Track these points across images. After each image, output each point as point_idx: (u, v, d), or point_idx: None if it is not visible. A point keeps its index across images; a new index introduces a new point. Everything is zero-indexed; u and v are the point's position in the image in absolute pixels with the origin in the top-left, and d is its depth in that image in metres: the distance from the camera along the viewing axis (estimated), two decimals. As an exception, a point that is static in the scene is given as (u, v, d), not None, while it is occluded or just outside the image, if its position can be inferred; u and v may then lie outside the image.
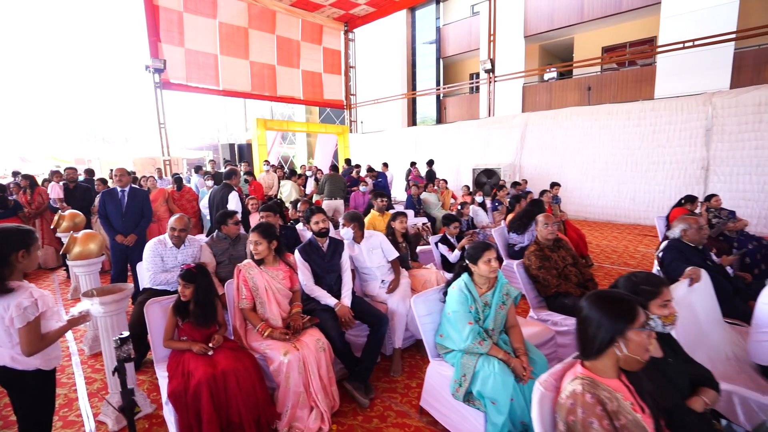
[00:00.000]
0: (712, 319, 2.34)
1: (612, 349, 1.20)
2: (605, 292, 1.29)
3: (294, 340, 2.38)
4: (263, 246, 2.48)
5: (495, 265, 2.09)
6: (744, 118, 7.58)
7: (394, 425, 2.32)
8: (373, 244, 3.25)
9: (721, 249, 4.80)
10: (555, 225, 3.05)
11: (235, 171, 4.84)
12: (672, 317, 1.44)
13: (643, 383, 1.26)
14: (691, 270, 2.33)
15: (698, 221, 2.85)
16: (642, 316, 1.20)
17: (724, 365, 2.13)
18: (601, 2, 12.66)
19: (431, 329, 2.32)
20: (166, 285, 2.97)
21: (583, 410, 1.12)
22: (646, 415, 1.20)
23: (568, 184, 9.89)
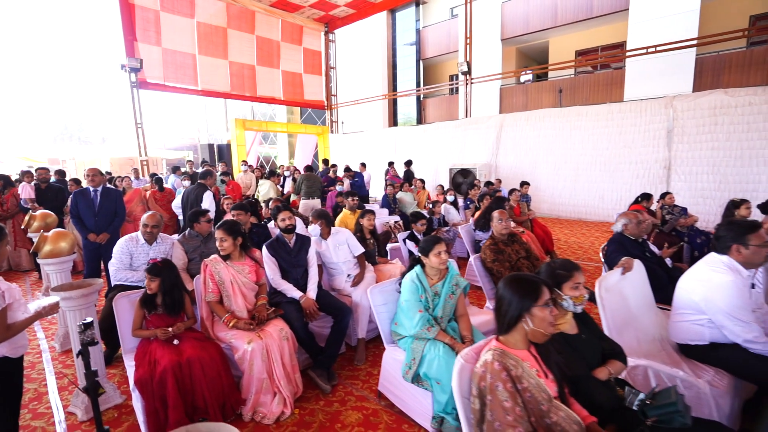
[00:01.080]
0: (642, 304, 2.57)
1: (520, 324, 1.39)
2: (516, 275, 1.47)
3: (258, 330, 2.51)
4: (228, 242, 2.61)
5: (445, 257, 2.27)
6: (701, 120, 8.00)
7: (354, 408, 2.48)
8: (340, 240, 3.40)
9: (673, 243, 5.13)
10: (509, 221, 3.26)
11: (210, 172, 4.93)
12: (581, 298, 1.63)
13: (550, 354, 1.45)
14: (624, 260, 2.56)
15: (637, 216, 3.10)
16: (545, 295, 1.39)
17: (649, 345, 2.35)
18: (573, 7, 13.09)
19: (387, 318, 2.49)
20: (138, 282, 3.06)
21: (491, 376, 1.29)
22: (549, 380, 1.39)
23: (541, 184, 10.23)
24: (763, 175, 7.37)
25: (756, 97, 7.40)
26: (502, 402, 1.25)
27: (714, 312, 2.02)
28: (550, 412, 1.30)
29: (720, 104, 7.79)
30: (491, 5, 14.74)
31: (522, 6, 14.22)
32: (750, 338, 1.92)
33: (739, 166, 7.62)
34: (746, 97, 7.52)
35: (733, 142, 7.64)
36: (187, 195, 4.84)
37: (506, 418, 1.24)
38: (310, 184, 6.27)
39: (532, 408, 1.29)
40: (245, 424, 2.35)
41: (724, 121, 7.76)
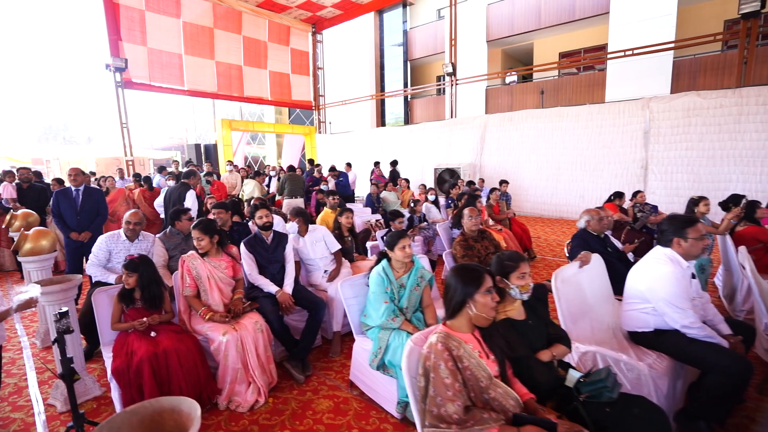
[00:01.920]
0: (599, 295, 2.73)
1: (465, 309, 1.52)
2: (462, 265, 1.60)
3: (233, 322, 2.61)
4: (205, 241, 2.71)
5: (409, 251, 2.39)
6: (676, 121, 8.27)
7: (325, 397, 2.59)
8: (317, 237, 3.51)
9: (644, 240, 5.34)
10: (479, 218, 3.40)
11: (194, 171, 5.00)
12: (527, 287, 1.77)
13: (494, 338, 1.58)
14: (582, 254, 2.71)
15: (599, 213, 3.26)
16: (487, 283, 1.52)
17: (602, 333, 2.51)
18: (556, 10, 13.35)
19: (357, 310, 2.61)
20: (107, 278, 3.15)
21: (434, 355, 1.42)
22: (490, 360, 1.52)
23: (524, 183, 10.45)
24: (734, 174, 7.65)
25: (726, 99, 7.67)
26: (443, 379, 1.38)
27: (656, 300, 2.18)
28: (488, 388, 1.43)
29: (693, 106, 8.06)
30: (477, 7, 14.95)
31: (507, 8, 14.46)
32: (687, 324, 2.08)
33: (711, 166, 7.90)
34: (717, 99, 7.79)
35: (706, 142, 7.92)
36: (170, 194, 4.90)
37: (447, 393, 1.36)
38: (293, 184, 6.38)
39: (471, 384, 1.42)
40: (220, 413, 2.45)
41: (697, 122, 8.03)
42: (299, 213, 3.52)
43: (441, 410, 1.35)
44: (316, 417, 2.39)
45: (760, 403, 2.39)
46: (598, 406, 1.51)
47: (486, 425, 1.32)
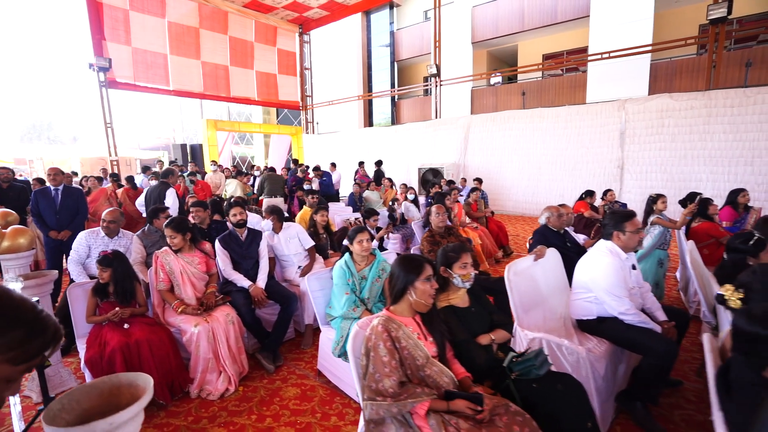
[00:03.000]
0: (553, 287, 2.89)
1: (406, 295, 1.66)
2: (405, 255, 1.75)
3: (205, 315, 2.73)
4: (178, 239, 2.82)
5: (367, 245, 2.54)
6: (650, 122, 8.54)
7: (293, 385, 2.72)
8: (291, 234, 3.64)
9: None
10: (445, 215, 3.56)
11: (172, 170, 5.09)
12: (468, 276, 1.92)
13: (434, 322, 1.73)
14: (537, 249, 2.88)
15: (559, 210, 3.44)
16: (427, 272, 1.67)
17: (553, 322, 2.67)
18: (539, 13, 13.62)
19: (323, 302, 2.75)
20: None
21: (375, 336, 1.56)
22: (429, 342, 1.67)
23: (507, 183, 10.67)
24: (703, 174, 7.93)
25: (696, 101, 7.96)
26: (381, 357, 1.52)
27: (597, 289, 2.35)
28: (425, 366, 1.58)
29: (666, 107, 8.33)
30: (462, 9, 15.17)
31: (491, 10, 14.69)
32: (623, 311, 2.25)
33: (683, 165, 8.18)
34: (689, 101, 8.07)
35: (678, 143, 8.19)
36: (150, 193, 4.98)
37: (384, 370, 1.51)
38: (272, 184, 6.50)
39: (408, 363, 1.57)
40: (192, 400, 2.57)
41: (669, 123, 8.31)
42: (273, 211, 3.64)
43: (378, 385, 1.49)
44: (282, 403, 2.52)
45: (697, 385, 2.58)
46: (527, 383, 1.67)
47: (418, 398, 1.47)
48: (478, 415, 1.45)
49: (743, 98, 7.51)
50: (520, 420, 1.47)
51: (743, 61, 9.96)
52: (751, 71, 10.18)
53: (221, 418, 2.40)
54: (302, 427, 2.29)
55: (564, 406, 1.58)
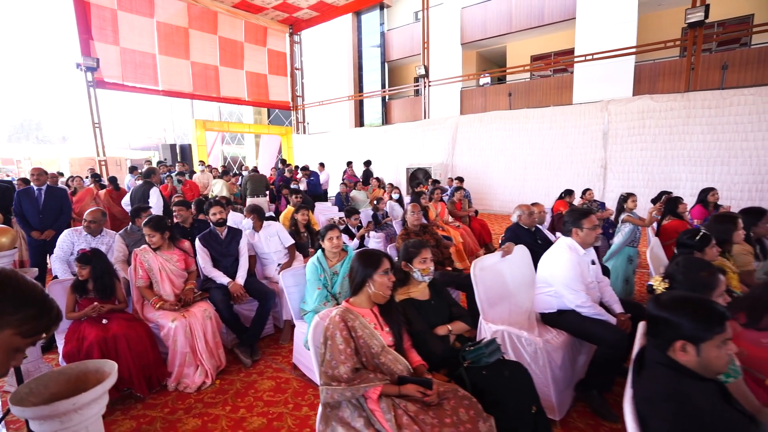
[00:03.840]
0: (520, 282, 3.00)
1: (365, 287, 1.77)
2: (364, 250, 1.85)
3: (183, 310, 2.81)
4: (156, 237, 2.90)
5: (337, 242, 2.64)
6: (632, 123, 8.73)
7: (269, 378, 2.81)
8: (271, 232, 3.73)
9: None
10: (420, 213, 3.67)
11: (154, 170, 5.16)
12: (428, 270, 2.03)
13: (392, 314, 1.83)
14: (505, 246, 3.00)
15: (530, 208, 3.57)
16: (385, 265, 1.77)
17: (519, 315, 2.79)
18: (526, 14, 13.79)
19: (297, 297, 2.84)
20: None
21: (332, 326, 1.66)
22: (385, 332, 1.77)
23: (494, 182, 10.82)
24: (683, 174, 8.13)
25: (675, 103, 8.15)
26: (338, 345, 1.62)
27: (557, 284, 2.47)
28: (380, 354, 1.68)
29: (647, 108, 8.52)
30: (452, 10, 15.32)
31: (480, 12, 14.85)
32: (579, 303, 2.37)
33: (663, 165, 8.37)
34: (668, 103, 8.27)
35: (658, 143, 8.38)
36: (135, 193, 5.04)
37: (340, 357, 1.61)
38: (254, 184, 6.59)
39: (364, 351, 1.67)
40: (169, 393, 2.65)
41: (650, 124, 8.50)
42: (253, 210, 3.73)
43: (334, 371, 1.59)
44: (257, 395, 2.61)
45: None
46: (477, 370, 1.78)
47: (371, 383, 1.57)
48: (426, 398, 1.56)
49: (720, 100, 7.72)
50: (467, 403, 1.57)
51: (722, 63, 10.19)
52: (730, 73, 10.44)
53: (196, 409, 2.49)
54: (274, 416, 2.38)
55: (510, 391, 1.69)
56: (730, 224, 2.59)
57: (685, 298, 1.20)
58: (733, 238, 2.59)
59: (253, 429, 2.28)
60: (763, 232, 2.95)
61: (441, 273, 3.26)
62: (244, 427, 2.30)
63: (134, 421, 2.38)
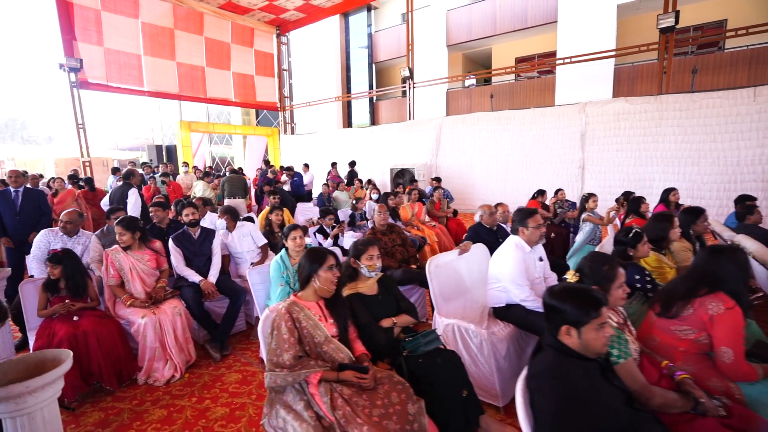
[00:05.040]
0: (477, 279, 3.17)
1: (311, 282, 1.91)
2: (312, 248, 2.00)
3: (153, 307, 2.93)
4: (127, 236, 3.01)
5: (300, 242, 2.78)
6: (608, 125, 8.97)
7: (237, 371, 2.95)
8: (244, 232, 3.86)
9: (560, 233, 5.91)
10: (387, 213, 3.82)
11: (133, 172, 5.24)
12: (374, 266, 2.18)
13: (338, 307, 1.97)
14: (462, 244, 3.16)
15: (491, 208, 3.74)
16: (329, 261, 1.91)
17: (473, 310, 2.95)
18: (510, 17, 14.02)
19: (263, 294, 2.98)
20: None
21: (278, 317, 1.81)
22: (329, 323, 1.91)
23: (476, 182, 11.01)
24: (656, 174, 8.39)
25: (649, 105, 8.41)
26: (283, 334, 1.77)
27: (504, 279, 2.64)
28: (323, 344, 1.83)
29: (622, 111, 8.77)
30: (438, 13, 15.51)
31: (465, 14, 15.06)
32: (524, 297, 2.54)
33: (638, 165, 8.62)
34: (642, 105, 8.53)
35: (633, 144, 8.63)
36: (114, 194, 5.12)
37: (284, 345, 1.75)
38: (231, 185, 6.71)
39: (308, 341, 1.82)
40: (139, 387, 2.77)
41: (625, 125, 8.74)
42: (227, 211, 3.86)
43: (279, 359, 1.73)
44: (223, 387, 2.74)
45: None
46: (415, 358, 1.94)
47: (311, 369, 1.72)
48: (363, 383, 1.71)
49: (690, 103, 7.99)
50: (400, 388, 1.73)
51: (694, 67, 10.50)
52: (705, 76, 10.76)
53: (164, 401, 2.61)
54: (237, 406, 2.52)
55: (442, 377, 1.85)
56: (666, 223, 2.78)
57: (569, 288, 1.36)
58: (669, 236, 2.77)
59: (216, 418, 2.42)
60: (701, 230, 3.15)
61: (405, 271, 3.42)
62: (207, 417, 2.43)
63: (103, 412, 2.50)
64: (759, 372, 1.71)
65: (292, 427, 1.62)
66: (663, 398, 1.47)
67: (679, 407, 1.46)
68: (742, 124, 7.46)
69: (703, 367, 1.79)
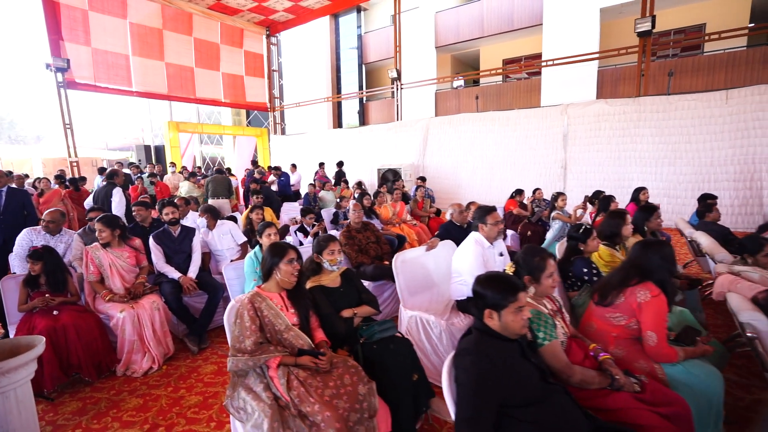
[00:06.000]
0: (444, 274, 3.31)
1: (273, 274, 2.05)
2: (274, 243, 2.14)
3: (132, 302, 3.05)
4: (107, 233, 3.13)
5: (274, 238, 2.92)
6: (589, 126, 9.19)
7: (213, 363, 3.07)
8: (224, 230, 3.99)
9: (536, 231, 6.09)
10: (362, 211, 3.96)
11: (116, 171, 5.34)
12: (335, 260, 2.32)
13: (300, 298, 2.11)
14: (430, 241, 3.32)
15: (461, 207, 3.90)
16: (290, 255, 2.05)
17: (439, 303, 3.10)
18: (497, 19, 14.23)
19: (238, 289, 3.11)
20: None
21: (241, 307, 1.94)
22: (290, 312, 2.05)
23: (462, 182, 11.19)
24: (634, 173, 8.61)
25: (628, 107, 8.64)
26: (245, 322, 1.90)
27: (464, 273, 2.79)
28: (284, 332, 1.97)
29: (602, 112, 8.99)
30: (426, 14, 15.68)
31: (453, 16, 15.25)
32: (482, 290, 2.69)
33: (617, 165, 8.84)
34: (621, 107, 8.75)
35: (612, 145, 8.85)
36: (98, 194, 5.21)
37: (246, 332, 1.88)
38: (215, 185, 6.82)
39: (269, 328, 1.95)
40: (118, 378, 2.89)
41: (605, 126, 8.97)
42: (207, 210, 3.98)
43: (241, 345, 1.87)
44: (199, 377, 2.87)
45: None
46: (370, 345, 2.08)
47: (271, 354, 1.86)
48: (320, 364, 1.85)
49: (667, 104, 8.22)
50: (353, 371, 1.87)
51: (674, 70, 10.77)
52: (684, 79, 11.05)
53: (141, 390, 2.74)
54: (210, 395, 2.65)
55: (394, 362, 2.00)
56: (619, 219, 2.95)
57: (491, 276, 1.52)
58: (622, 232, 2.95)
59: (189, 405, 2.55)
60: (654, 226, 3.33)
61: (376, 267, 3.57)
62: (181, 404, 2.56)
63: (81, 402, 2.62)
64: (680, 354, 1.88)
65: (250, 406, 1.76)
66: (582, 375, 1.63)
67: (597, 383, 1.63)
68: (716, 126, 7.71)
69: (632, 350, 1.96)
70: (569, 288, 2.61)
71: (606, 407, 1.57)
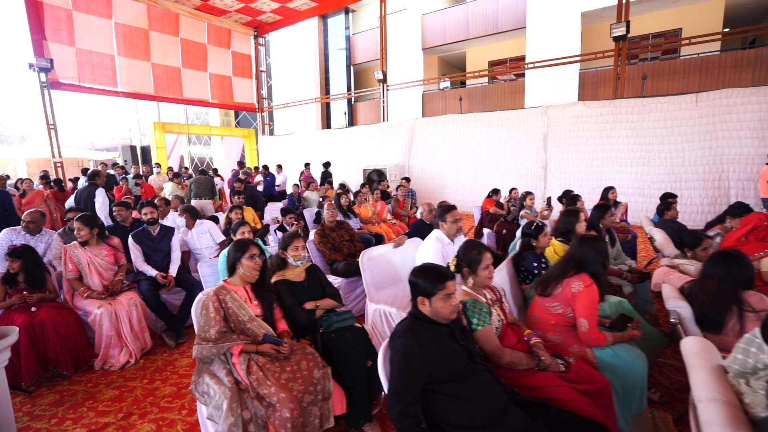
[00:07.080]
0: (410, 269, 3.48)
1: (237, 269, 2.20)
2: (238, 239, 2.28)
3: (110, 299, 3.17)
4: (85, 231, 3.24)
5: (248, 236, 3.06)
6: (568, 127, 9.43)
7: (188, 356, 3.20)
8: (203, 230, 4.11)
9: (512, 229, 6.29)
10: (336, 211, 4.12)
11: (98, 172, 5.43)
12: (299, 256, 2.48)
13: (263, 291, 2.26)
14: (398, 239, 3.48)
15: (430, 206, 4.07)
16: (252, 251, 2.20)
17: (404, 298, 3.23)
18: (482, 22, 14.48)
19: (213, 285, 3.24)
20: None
21: (206, 299, 2.09)
22: (254, 305, 2.20)
23: (447, 182, 11.40)
24: (611, 174, 8.87)
25: (605, 109, 8.90)
26: (210, 313, 2.05)
27: (426, 268, 2.96)
28: (247, 322, 2.12)
29: (580, 114, 9.24)
30: (413, 16, 15.88)
31: (439, 18, 15.47)
32: (441, 284, 2.87)
33: (595, 166, 9.10)
34: (598, 109, 9.01)
35: (590, 146, 9.11)
36: (80, 194, 5.29)
37: (210, 322, 2.03)
38: (198, 186, 6.92)
39: (233, 319, 2.10)
40: (95, 372, 3.01)
41: (583, 128, 9.22)
42: (186, 209, 4.11)
43: (206, 334, 2.02)
44: (174, 370, 3.00)
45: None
46: (328, 334, 2.24)
47: (234, 342, 2.01)
48: (281, 349, 2.01)
49: (641, 107, 8.50)
50: (310, 357, 2.03)
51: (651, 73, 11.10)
52: (660, 81, 11.37)
53: (117, 383, 2.86)
54: (184, 386, 2.78)
55: (349, 349, 2.16)
56: (573, 217, 3.14)
57: (423, 266, 1.69)
58: (576, 229, 3.14)
59: (163, 396, 2.68)
60: (608, 223, 3.53)
61: (348, 263, 3.72)
62: (155, 395, 2.69)
63: (58, 394, 2.74)
64: (608, 339, 2.07)
65: (213, 390, 1.90)
66: (512, 357, 1.80)
67: (525, 364, 1.80)
68: (686, 128, 7.99)
69: (567, 336, 2.15)
70: (522, 281, 2.80)
71: (531, 385, 1.75)
